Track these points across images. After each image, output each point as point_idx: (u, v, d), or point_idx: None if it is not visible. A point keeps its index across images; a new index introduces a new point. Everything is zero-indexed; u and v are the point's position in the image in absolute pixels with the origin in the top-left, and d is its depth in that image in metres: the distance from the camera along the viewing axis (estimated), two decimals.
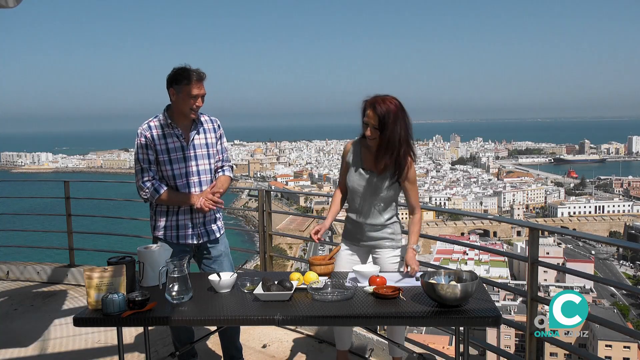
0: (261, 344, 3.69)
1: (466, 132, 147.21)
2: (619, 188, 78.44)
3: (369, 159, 2.80)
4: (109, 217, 7.42)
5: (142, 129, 2.83)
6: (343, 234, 3.00)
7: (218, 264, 3.00)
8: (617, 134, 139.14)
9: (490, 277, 37.89)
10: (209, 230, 2.96)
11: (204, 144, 2.91)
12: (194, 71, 2.74)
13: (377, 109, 2.62)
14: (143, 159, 2.84)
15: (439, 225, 62.21)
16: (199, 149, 2.89)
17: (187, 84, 2.72)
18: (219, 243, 3.02)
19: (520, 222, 3.97)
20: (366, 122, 2.67)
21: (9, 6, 4.00)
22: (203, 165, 2.90)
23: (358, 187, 2.80)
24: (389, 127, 2.62)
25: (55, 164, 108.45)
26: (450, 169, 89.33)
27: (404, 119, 2.67)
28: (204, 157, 2.90)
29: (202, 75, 2.76)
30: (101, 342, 3.81)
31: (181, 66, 2.75)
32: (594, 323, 6.97)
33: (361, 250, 2.93)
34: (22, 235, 14.20)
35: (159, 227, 2.92)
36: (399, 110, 2.65)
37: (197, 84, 2.74)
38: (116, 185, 68.83)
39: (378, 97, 2.66)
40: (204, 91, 2.78)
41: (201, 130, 2.90)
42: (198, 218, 2.91)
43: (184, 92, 2.73)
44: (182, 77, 2.72)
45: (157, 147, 2.82)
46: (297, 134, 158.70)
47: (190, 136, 2.87)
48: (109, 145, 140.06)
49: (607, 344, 28.18)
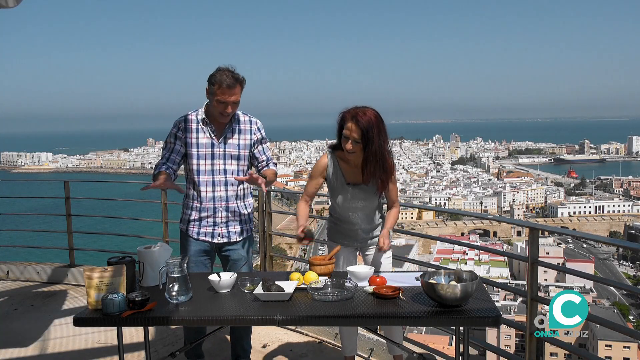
0: (261, 344, 3.69)
1: (466, 132, 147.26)
2: (619, 188, 78.45)
3: (350, 173, 2.77)
4: (109, 217, 7.44)
5: (178, 120, 2.84)
6: (329, 234, 2.98)
7: (235, 268, 2.97)
8: (617, 134, 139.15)
9: (490, 277, 37.90)
10: (230, 231, 2.93)
11: (236, 144, 2.86)
12: (228, 76, 2.65)
13: (360, 122, 2.56)
14: (167, 146, 2.85)
15: (439, 225, 62.24)
16: (229, 149, 2.85)
17: (217, 88, 2.66)
18: (241, 247, 2.98)
19: (520, 222, 3.97)
20: (346, 135, 2.61)
21: (8, 6, 4.00)
22: (231, 165, 2.86)
23: (348, 204, 2.81)
24: (374, 140, 2.59)
25: (55, 164, 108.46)
26: (450, 169, 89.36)
27: (384, 130, 2.65)
28: (234, 158, 2.86)
29: (234, 83, 2.66)
30: (101, 342, 3.81)
31: (222, 68, 2.68)
32: (594, 323, 6.97)
33: (350, 249, 2.94)
34: (22, 235, 14.20)
35: (185, 220, 2.93)
36: (380, 121, 2.63)
37: (229, 90, 2.65)
38: (116, 185, 68.84)
39: (358, 109, 2.61)
40: (235, 98, 2.69)
41: (236, 130, 2.86)
42: (221, 218, 2.88)
43: (214, 96, 2.68)
44: (215, 80, 2.66)
45: (187, 140, 2.80)
46: (297, 134, 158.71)
47: (224, 134, 2.84)
48: (109, 145, 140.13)
49: (607, 344, 28.20)
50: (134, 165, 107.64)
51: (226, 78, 2.66)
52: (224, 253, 2.98)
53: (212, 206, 2.86)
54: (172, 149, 2.83)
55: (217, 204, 2.87)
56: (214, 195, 2.86)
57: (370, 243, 2.91)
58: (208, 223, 2.89)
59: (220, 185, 2.86)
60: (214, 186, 2.85)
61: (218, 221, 2.89)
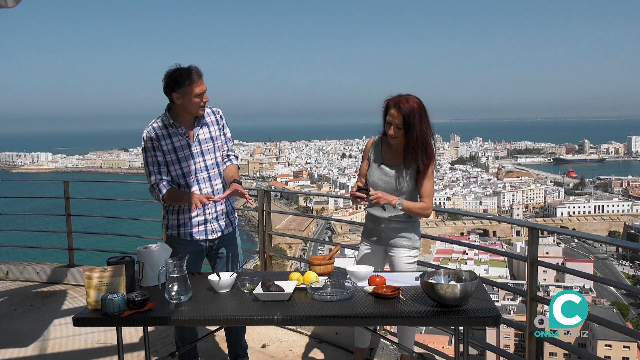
0: (261, 343, 3.69)
1: (465, 132, 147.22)
2: (618, 188, 78.47)
3: (389, 156, 2.85)
4: (109, 217, 7.43)
5: (147, 132, 2.81)
6: (362, 232, 3.04)
7: (230, 264, 2.98)
8: (617, 134, 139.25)
9: (490, 277, 37.91)
10: (221, 224, 2.95)
11: (208, 137, 2.89)
12: (192, 70, 2.71)
13: (402, 108, 2.67)
14: (152, 162, 2.83)
15: (438, 225, 62.21)
16: (204, 144, 2.87)
17: (189, 84, 2.69)
18: (232, 242, 3.01)
19: (520, 222, 3.97)
20: (389, 121, 2.71)
21: (8, 6, 4.00)
22: (210, 160, 2.89)
23: (378, 182, 2.84)
24: (416, 126, 2.67)
25: (55, 164, 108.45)
26: (449, 169, 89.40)
27: (427, 117, 2.72)
28: (211, 152, 2.89)
29: (200, 71, 2.73)
30: (101, 342, 3.81)
31: (175, 68, 2.71)
32: (593, 323, 6.97)
33: (379, 249, 2.95)
34: (21, 235, 14.20)
35: (172, 225, 2.91)
36: (422, 109, 2.70)
37: (199, 80, 2.72)
38: (116, 185, 68.86)
39: (401, 97, 2.70)
40: (205, 87, 2.76)
41: (204, 125, 2.88)
42: (211, 214, 2.90)
43: (189, 93, 2.70)
44: (183, 79, 2.68)
45: (163, 148, 2.80)
46: (296, 134, 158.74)
47: (195, 132, 2.85)
48: (109, 145, 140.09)
49: (607, 343, 28.20)
50: (133, 165, 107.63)
51: (191, 72, 2.69)
52: (217, 250, 2.98)
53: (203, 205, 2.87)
54: (158, 162, 2.82)
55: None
56: (201, 194, 2.85)
57: (393, 243, 2.88)
58: (199, 222, 2.89)
59: (205, 182, 2.88)
60: (199, 184, 2.86)
61: (209, 217, 2.90)
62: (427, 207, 2.81)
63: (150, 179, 2.84)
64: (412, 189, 2.83)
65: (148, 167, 2.84)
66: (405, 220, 2.87)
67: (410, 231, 2.88)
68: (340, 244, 3.24)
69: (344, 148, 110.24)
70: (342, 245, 3.40)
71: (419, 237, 2.93)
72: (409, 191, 2.83)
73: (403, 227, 2.87)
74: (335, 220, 44.92)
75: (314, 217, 76.49)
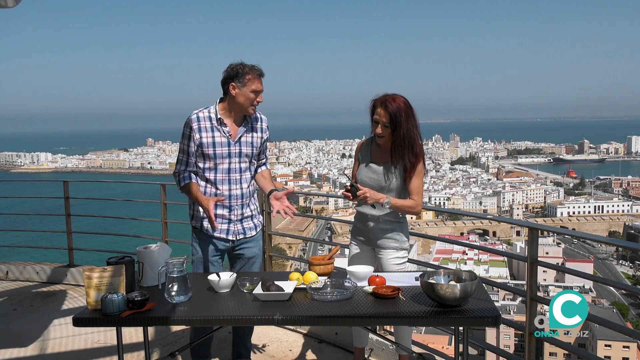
0: (260, 343, 3.68)
1: (465, 132, 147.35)
2: (618, 188, 78.50)
3: (377, 155, 2.86)
4: (109, 217, 7.43)
5: (190, 120, 2.79)
6: (351, 231, 3.05)
7: (249, 266, 2.97)
8: (617, 134, 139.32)
9: (490, 277, 37.92)
10: (245, 227, 2.93)
11: (250, 142, 2.87)
12: (256, 67, 2.72)
13: (388, 107, 2.69)
14: (182, 149, 2.83)
15: (438, 225, 62.25)
16: (244, 147, 2.85)
17: (251, 78, 2.69)
18: (254, 244, 2.99)
19: (520, 222, 3.97)
20: (376, 120, 2.73)
21: (8, 6, 3.99)
22: (245, 163, 2.88)
23: (366, 179, 2.85)
24: (402, 124, 2.69)
25: (55, 164, 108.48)
26: (449, 169, 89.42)
27: (414, 116, 2.74)
28: (249, 156, 2.88)
29: (262, 72, 2.75)
30: (100, 342, 3.80)
31: (240, 62, 2.72)
32: (593, 323, 6.95)
33: (367, 249, 2.96)
34: (21, 235, 14.21)
35: (197, 216, 2.90)
36: (408, 108, 2.72)
37: (259, 79, 2.73)
38: (115, 185, 68.89)
39: (388, 96, 2.73)
40: (263, 87, 2.76)
41: (250, 129, 2.87)
42: (236, 216, 2.89)
43: (248, 86, 2.70)
44: (245, 72, 2.69)
45: (202, 140, 2.77)
46: (296, 134, 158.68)
47: (239, 132, 2.83)
48: (109, 145, 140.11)
49: (607, 343, 28.22)
50: (133, 165, 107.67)
51: (255, 68, 2.72)
52: (237, 251, 2.96)
53: (229, 204, 2.86)
54: (188, 152, 2.81)
55: (234, 202, 2.86)
56: (230, 194, 2.85)
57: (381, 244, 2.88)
58: (223, 221, 2.87)
59: (236, 183, 2.86)
60: (230, 184, 2.85)
61: (233, 218, 2.88)
62: (416, 205, 2.81)
63: (177, 166, 2.86)
64: (400, 187, 2.82)
65: (178, 154, 2.86)
66: (392, 221, 2.87)
67: (398, 232, 2.87)
68: (340, 244, 3.23)
69: (343, 148, 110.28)
70: (342, 245, 3.39)
71: (407, 238, 2.93)
72: (396, 188, 2.82)
73: (391, 228, 2.87)
74: (335, 220, 44.89)
75: (314, 217, 76.45)
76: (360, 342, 3.14)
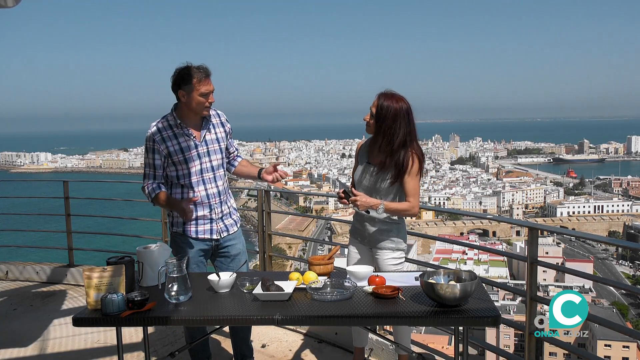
0: (260, 343, 3.69)
1: (465, 132, 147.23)
2: (618, 188, 78.46)
3: (374, 155, 2.86)
4: (109, 217, 7.43)
5: (151, 133, 2.80)
6: (350, 231, 3.06)
7: (236, 262, 2.98)
8: (617, 134, 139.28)
9: (490, 277, 37.92)
10: (227, 224, 2.96)
11: (215, 139, 2.90)
12: (201, 68, 2.70)
13: (380, 99, 2.71)
14: (148, 163, 2.85)
15: (438, 225, 62.23)
16: (211, 145, 2.88)
17: (196, 82, 2.68)
18: (238, 240, 3.02)
19: (520, 222, 3.97)
20: (370, 108, 2.76)
21: (7, 6, 4.00)
22: (216, 160, 2.91)
23: (362, 180, 2.86)
24: (387, 122, 2.69)
25: (55, 164, 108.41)
26: (449, 169, 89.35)
27: (407, 121, 2.71)
28: (217, 152, 2.91)
29: (208, 71, 2.73)
30: (100, 342, 3.81)
31: (185, 65, 2.70)
32: (593, 323, 6.96)
33: (365, 250, 2.96)
34: (21, 235, 14.19)
35: (177, 222, 2.91)
36: (403, 111, 2.70)
37: (206, 80, 2.71)
38: (115, 185, 68.74)
39: (391, 92, 2.75)
40: (212, 87, 2.75)
41: (211, 126, 2.89)
42: (217, 213, 2.91)
43: (195, 91, 2.70)
44: (190, 77, 2.68)
45: (169, 149, 2.79)
46: (296, 134, 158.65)
47: (202, 134, 2.85)
48: (108, 145, 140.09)
49: (607, 343, 28.21)
50: (133, 165, 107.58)
51: (200, 70, 2.70)
52: (222, 250, 2.97)
53: (208, 204, 2.88)
54: (154, 165, 2.83)
55: (212, 200, 2.89)
56: (207, 194, 2.87)
57: (378, 245, 2.89)
58: (205, 222, 2.89)
59: (211, 182, 2.88)
60: (205, 184, 2.87)
61: (214, 217, 2.91)
62: (412, 207, 2.78)
63: (144, 181, 2.87)
64: (392, 188, 2.80)
65: (144, 168, 2.87)
66: (389, 222, 2.86)
67: (395, 233, 2.87)
68: (340, 244, 3.24)
69: (343, 148, 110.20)
70: (342, 245, 3.39)
71: (405, 239, 2.92)
72: (391, 189, 2.80)
73: (387, 229, 2.87)
74: (335, 220, 44.92)
75: (314, 217, 76.49)
76: (360, 342, 3.14)
